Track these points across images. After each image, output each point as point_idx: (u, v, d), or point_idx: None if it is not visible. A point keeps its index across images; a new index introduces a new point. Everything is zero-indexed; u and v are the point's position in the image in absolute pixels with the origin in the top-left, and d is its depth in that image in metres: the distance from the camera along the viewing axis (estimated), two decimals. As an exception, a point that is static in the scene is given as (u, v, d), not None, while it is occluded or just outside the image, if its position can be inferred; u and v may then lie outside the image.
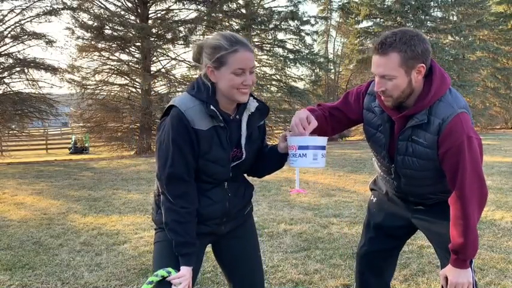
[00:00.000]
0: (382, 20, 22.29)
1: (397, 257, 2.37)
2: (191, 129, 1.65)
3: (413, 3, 21.01)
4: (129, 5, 16.98)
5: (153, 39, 16.45)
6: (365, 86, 2.03)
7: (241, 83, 1.64)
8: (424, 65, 1.74)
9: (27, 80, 15.10)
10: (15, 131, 16.43)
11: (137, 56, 17.04)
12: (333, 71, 24.53)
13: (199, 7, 17.63)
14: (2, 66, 14.73)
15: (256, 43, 19.94)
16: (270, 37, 19.72)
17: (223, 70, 1.63)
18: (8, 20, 14.73)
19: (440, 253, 2.09)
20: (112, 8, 16.74)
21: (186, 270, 1.68)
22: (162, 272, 1.67)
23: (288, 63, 19.63)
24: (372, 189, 2.34)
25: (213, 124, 1.68)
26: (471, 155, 1.75)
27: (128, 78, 17.31)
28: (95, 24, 15.76)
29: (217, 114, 1.66)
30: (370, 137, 2.01)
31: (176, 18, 17.20)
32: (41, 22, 15.03)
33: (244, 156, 1.79)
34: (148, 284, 1.65)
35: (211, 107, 1.66)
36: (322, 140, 1.76)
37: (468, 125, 1.78)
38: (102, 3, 16.43)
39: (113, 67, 17.14)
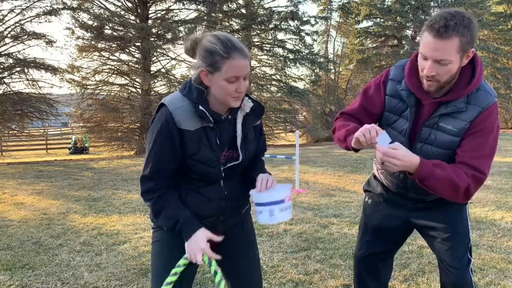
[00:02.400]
0: (382, 20, 22.31)
1: (393, 260, 2.36)
2: (176, 131, 1.65)
3: (413, 3, 21.04)
4: (129, 5, 17.00)
5: (153, 39, 16.47)
6: (384, 75, 1.98)
7: (234, 90, 1.61)
8: (473, 49, 1.72)
9: (27, 80, 15.13)
10: (15, 131, 16.45)
11: (137, 56, 17.06)
12: (333, 71, 24.55)
13: (199, 7, 17.66)
14: (2, 66, 14.74)
15: (256, 43, 19.95)
16: (270, 37, 19.75)
17: (216, 75, 1.60)
18: (8, 20, 14.79)
19: (437, 253, 2.08)
20: (112, 8, 16.80)
21: (187, 245, 1.66)
22: (182, 261, 1.65)
23: (288, 63, 19.65)
24: (365, 191, 2.30)
25: (201, 125, 1.67)
26: (495, 141, 1.81)
27: (128, 78, 17.33)
28: (95, 24, 15.78)
29: (206, 114, 1.65)
30: (389, 124, 1.94)
31: (176, 18, 17.24)
32: (41, 22, 15.06)
33: (241, 158, 1.78)
34: (172, 276, 1.64)
35: (200, 107, 1.64)
36: (278, 195, 1.67)
37: (498, 114, 1.84)
38: (102, 3, 16.46)
39: (113, 67, 17.16)
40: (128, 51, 16.80)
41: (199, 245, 1.63)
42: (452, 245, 1.99)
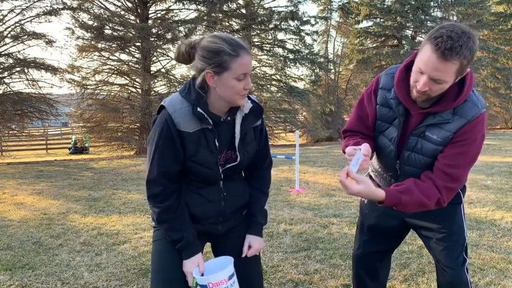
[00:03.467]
0: (382, 20, 22.31)
1: (390, 259, 2.37)
2: (175, 133, 1.65)
3: (413, 3, 21.04)
4: (129, 5, 17.00)
5: (153, 39, 16.46)
6: (374, 84, 1.97)
7: (242, 88, 1.62)
8: (469, 69, 1.70)
9: (27, 80, 15.12)
10: (15, 131, 16.44)
11: (137, 56, 17.05)
12: (333, 71, 24.54)
13: (199, 7, 17.65)
14: (2, 66, 14.73)
15: (256, 43, 19.95)
16: (270, 37, 19.74)
17: (225, 75, 1.59)
18: (8, 20, 14.80)
19: (433, 253, 2.09)
20: (112, 8, 16.79)
21: (184, 264, 1.74)
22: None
23: (288, 63, 19.65)
24: None
25: (201, 127, 1.67)
26: (477, 151, 1.80)
27: (128, 78, 17.32)
28: (95, 24, 15.77)
29: (205, 116, 1.65)
30: (380, 132, 1.96)
31: (176, 18, 17.24)
32: (41, 22, 15.07)
33: (239, 159, 1.77)
34: None
35: (199, 109, 1.64)
36: (201, 280, 1.69)
37: (485, 124, 1.81)
38: (102, 3, 16.45)
39: (113, 67, 17.15)
40: (128, 51, 16.80)
41: (191, 268, 1.72)
42: (447, 245, 2.00)
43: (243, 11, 18.88)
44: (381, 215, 2.16)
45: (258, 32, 19.73)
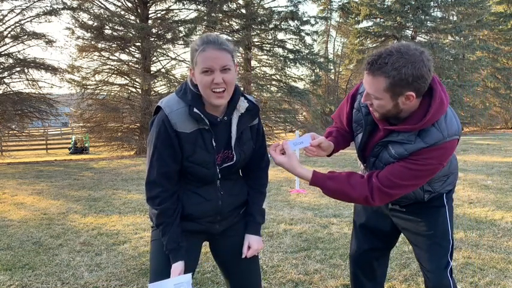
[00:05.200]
0: (382, 20, 22.31)
1: (388, 258, 2.37)
2: (173, 133, 1.66)
3: (413, 3, 21.03)
4: (129, 5, 16.99)
5: (153, 39, 16.45)
6: (355, 89, 2.01)
7: (211, 81, 1.60)
8: (413, 93, 1.63)
9: (27, 80, 15.12)
10: (15, 131, 16.43)
11: (137, 56, 17.05)
12: (333, 71, 24.56)
13: (199, 7, 17.65)
14: (2, 66, 14.73)
15: (256, 43, 19.95)
16: (270, 37, 19.72)
17: (196, 70, 1.64)
18: (8, 20, 14.79)
19: (417, 257, 2.09)
20: (112, 8, 16.78)
21: (173, 267, 1.76)
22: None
23: (288, 63, 19.64)
24: None
25: (197, 127, 1.68)
26: (425, 174, 1.77)
27: (128, 78, 17.32)
28: (95, 24, 15.76)
29: (201, 117, 1.66)
30: (356, 133, 1.99)
31: (176, 18, 17.23)
32: (41, 22, 15.07)
33: (235, 158, 1.78)
34: None
35: (195, 109, 1.65)
36: (157, 285, 1.69)
37: (448, 153, 1.75)
38: (102, 3, 16.45)
39: (113, 67, 17.14)
40: (128, 51, 16.79)
41: (174, 272, 1.73)
42: (429, 249, 1.99)
43: (243, 11, 18.86)
44: (371, 214, 2.19)
45: (258, 32, 19.71)
